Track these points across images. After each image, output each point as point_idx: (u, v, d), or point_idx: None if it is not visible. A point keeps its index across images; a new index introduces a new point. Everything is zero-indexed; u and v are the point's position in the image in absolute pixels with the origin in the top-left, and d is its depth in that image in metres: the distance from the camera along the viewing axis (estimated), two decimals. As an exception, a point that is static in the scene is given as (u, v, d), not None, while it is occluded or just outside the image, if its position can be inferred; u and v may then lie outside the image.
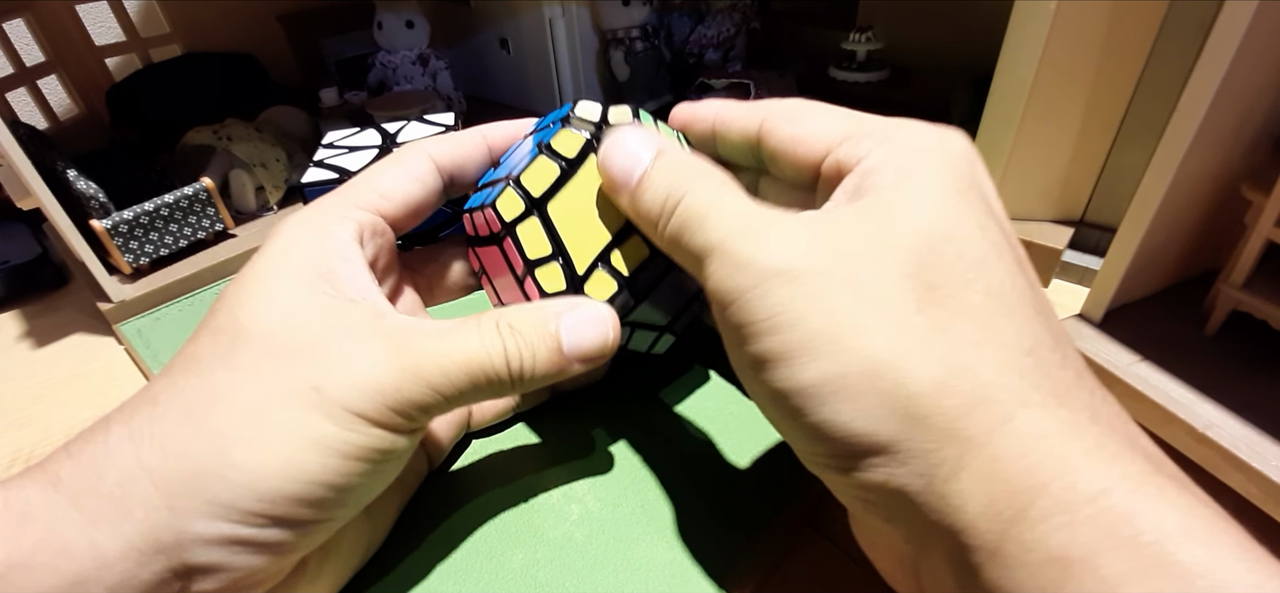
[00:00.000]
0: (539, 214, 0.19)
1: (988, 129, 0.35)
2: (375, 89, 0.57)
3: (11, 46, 0.46)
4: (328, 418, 0.15)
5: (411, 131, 0.37)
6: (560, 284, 0.19)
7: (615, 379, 0.26)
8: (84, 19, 0.49)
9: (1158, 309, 0.28)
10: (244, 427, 0.15)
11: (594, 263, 0.19)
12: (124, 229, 0.36)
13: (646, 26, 0.56)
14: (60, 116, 0.50)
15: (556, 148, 0.19)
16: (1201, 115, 0.22)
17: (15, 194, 0.31)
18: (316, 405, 0.15)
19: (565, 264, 0.19)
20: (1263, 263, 0.25)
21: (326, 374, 0.15)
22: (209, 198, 0.39)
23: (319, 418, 0.15)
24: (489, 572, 0.20)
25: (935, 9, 0.50)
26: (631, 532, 0.21)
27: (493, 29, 0.58)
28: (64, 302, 0.40)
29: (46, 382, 0.33)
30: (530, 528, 0.21)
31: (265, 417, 0.15)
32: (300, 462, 0.15)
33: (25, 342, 0.37)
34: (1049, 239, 0.35)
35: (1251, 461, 0.21)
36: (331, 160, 0.34)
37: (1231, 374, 0.24)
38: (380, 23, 0.55)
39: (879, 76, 0.49)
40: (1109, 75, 0.32)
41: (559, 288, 0.19)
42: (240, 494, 0.14)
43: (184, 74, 0.52)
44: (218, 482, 0.14)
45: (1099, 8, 0.30)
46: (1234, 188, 0.25)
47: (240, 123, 0.45)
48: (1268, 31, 0.21)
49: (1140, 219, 0.25)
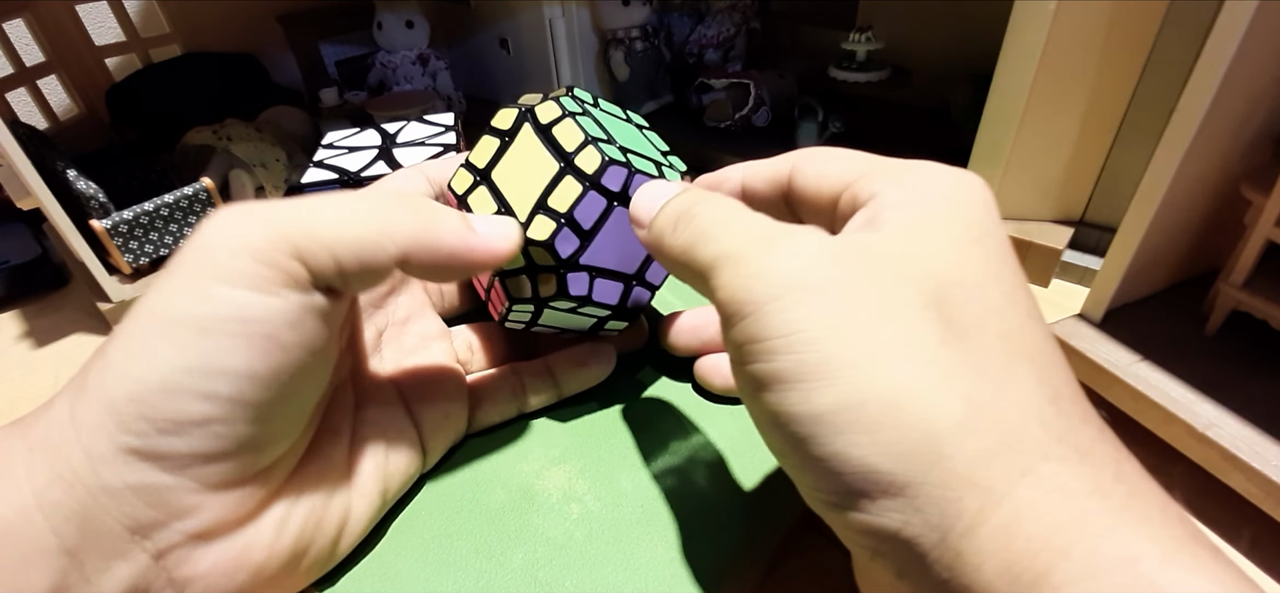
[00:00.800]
0: (485, 182, 0.21)
1: (988, 129, 0.35)
2: (375, 89, 0.57)
3: (11, 46, 0.46)
4: (194, 297, 0.15)
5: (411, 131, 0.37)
6: None
7: (617, 378, 0.26)
8: (84, 19, 0.49)
9: (1158, 309, 0.28)
10: (123, 334, 0.15)
11: (533, 210, 0.20)
12: (124, 229, 0.36)
13: (646, 26, 0.56)
14: (60, 116, 0.50)
15: (495, 125, 0.21)
16: (1201, 115, 0.22)
17: (15, 194, 0.31)
18: (188, 289, 0.15)
19: (508, 216, 0.20)
20: (1263, 263, 0.25)
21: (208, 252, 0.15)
22: (209, 198, 0.39)
23: (186, 300, 0.15)
24: (489, 571, 0.20)
25: (935, 9, 0.50)
26: (631, 532, 0.21)
27: (493, 29, 0.58)
28: (64, 302, 0.40)
29: (46, 382, 0.33)
30: (530, 528, 0.21)
31: (144, 318, 0.15)
32: (163, 350, 0.14)
33: (25, 342, 0.37)
34: (1049, 239, 0.35)
35: (1251, 460, 0.21)
36: (331, 160, 0.34)
37: (1231, 374, 0.24)
38: (380, 23, 0.55)
39: (879, 76, 0.49)
40: (1109, 75, 0.32)
41: None
42: (117, 397, 0.14)
43: (184, 74, 0.52)
44: (100, 394, 0.14)
45: (1099, 8, 0.30)
46: (1234, 188, 0.25)
47: (240, 123, 0.45)
48: (1268, 31, 0.21)
49: (1140, 219, 0.25)
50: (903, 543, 0.12)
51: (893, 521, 0.12)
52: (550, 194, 0.20)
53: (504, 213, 0.20)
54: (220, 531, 0.16)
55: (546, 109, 0.21)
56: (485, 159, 0.21)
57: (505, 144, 0.21)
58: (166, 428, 0.14)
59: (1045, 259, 0.35)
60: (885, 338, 0.13)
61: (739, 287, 0.14)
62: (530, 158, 0.21)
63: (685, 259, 0.16)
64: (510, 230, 0.19)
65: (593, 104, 0.23)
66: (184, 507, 0.15)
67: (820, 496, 0.14)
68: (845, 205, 0.16)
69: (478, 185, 0.21)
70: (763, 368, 0.13)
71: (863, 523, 0.13)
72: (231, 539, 0.16)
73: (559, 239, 0.19)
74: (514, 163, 0.21)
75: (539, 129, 0.21)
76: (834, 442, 0.12)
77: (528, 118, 0.21)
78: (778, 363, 0.13)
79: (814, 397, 0.13)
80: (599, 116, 0.22)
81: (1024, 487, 0.11)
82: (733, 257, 0.15)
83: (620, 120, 0.23)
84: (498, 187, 0.21)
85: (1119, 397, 0.24)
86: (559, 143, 0.20)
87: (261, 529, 0.16)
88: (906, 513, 0.12)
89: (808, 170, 0.18)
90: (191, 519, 0.15)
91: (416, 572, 0.20)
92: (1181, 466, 0.23)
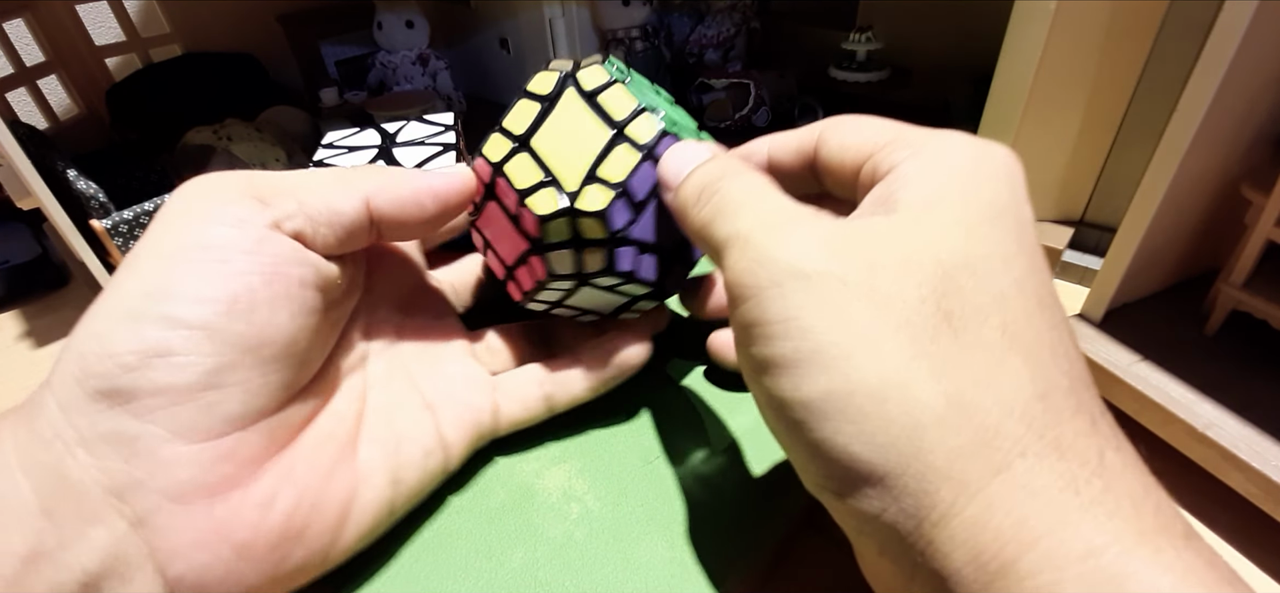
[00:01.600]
0: (526, 149, 0.20)
1: (988, 129, 0.35)
2: (375, 89, 0.57)
3: (11, 46, 0.46)
4: (160, 233, 0.16)
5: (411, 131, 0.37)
6: (553, 205, 0.19)
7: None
8: (84, 19, 0.49)
9: (1158, 309, 0.28)
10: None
11: (585, 180, 0.19)
12: (124, 229, 0.36)
13: (646, 26, 0.56)
14: (60, 116, 0.50)
15: (532, 90, 0.20)
16: (1201, 115, 0.22)
17: (15, 194, 0.31)
18: (155, 230, 0.16)
19: (556, 186, 0.19)
20: (1263, 263, 0.25)
21: (178, 199, 0.16)
22: (209, 198, 0.39)
23: (152, 238, 0.16)
24: (489, 572, 0.20)
25: (935, 9, 0.50)
26: (631, 532, 0.21)
27: (493, 29, 0.58)
28: (64, 302, 0.40)
29: (46, 382, 0.33)
30: (530, 528, 0.21)
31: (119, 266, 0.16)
32: (126, 283, 0.15)
33: (25, 342, 0.37)
34: (1049, 239, 0.35)
35: (1251, 460, 0.21)
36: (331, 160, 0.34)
37: (1231, 374, 0.24)
38: (380, 23, 0.55)
39: (879, 76, 0.49)
40: (1109, 75, 0.32)
41: (553, 209, 0.19)
42: (84, 341, 0.15)
43: (184, 74, 0.52)
44: (71, 345, 0.15)
45: (1099, 8, 0.30)
46: (1234, 188, 0.25)
47: (240, 123, 0.45)
48: (1268, 31, 0.21)
49: (1140, 219, 0.25)
50: (883, 526, 0.13)
51: (874, 506, 0.13)
52: (602, 163, 0.19)
53: (548, 182, 0.19)
54: (199, 493, 0.15)
55: (591, 74, 0.20)
56: (524, 125, 0.20)
57: (546, 110, 0.20)
58: (129, 363, 0.14)
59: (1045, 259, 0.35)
60: (879, 331, 0.13)
61: (744, 269, 0.14)
62: (577, 124, 0.19)
63: (704, 234, 0.16)
64: (464, 172, 0.20)
65: (627, 75, 0.21)
66: (158, 460, 0.14)
67: (812, 477, 0.14)
68: (866, 177, 0.16)
69: (517, 152, 0.20)
70: (761, 351, 0.14)
71: (848, 506, 0.13)
72: (212, 506, 0.15)
73: (613, 210, 0.18)
74: (557, 129, 0.20)
75: (584, 95, 0.20)
76: (822, 427, 0.13)
77: (571, 82, 0.20)
78: (775, 348, 0.14)
79: (805, 384, 0.13)
80: (635, 88, 0.21)
81: (998, 483, 0.12)
82: (742, 238, 0.15)
83: (654, 93, 0.22)
84: (539, 154, 0.19)
85: (1119, 397, 0.24)
86: (607, 110, 0.19)
87: (247, 500, 0.15)
88: (886, 501, 0.13)
89: (832, 141, 0.18)
90: (166, 476, 0.14)
91: (416, 572, 0.20)
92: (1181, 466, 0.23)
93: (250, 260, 0.16)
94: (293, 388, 0.17)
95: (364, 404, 0.20)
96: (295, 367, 0.17)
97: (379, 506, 0.18)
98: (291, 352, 0.17)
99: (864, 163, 0.16)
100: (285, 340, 0.16)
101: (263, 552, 0.15)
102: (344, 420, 0.19)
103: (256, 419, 0.16)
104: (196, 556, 0.15)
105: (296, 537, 0.16)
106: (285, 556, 0.16)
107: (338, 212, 0.18)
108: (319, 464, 0.17)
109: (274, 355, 0.16)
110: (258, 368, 0.16)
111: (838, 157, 0.17)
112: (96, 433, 0.14)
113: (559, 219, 0.19)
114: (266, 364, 0.16)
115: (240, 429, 0.15)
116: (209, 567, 0.15)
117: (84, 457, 0.14)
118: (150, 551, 0.14)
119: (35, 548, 0.13)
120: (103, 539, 0.14)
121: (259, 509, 0.15)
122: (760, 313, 0.14)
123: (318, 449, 0.17)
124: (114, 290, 0.15)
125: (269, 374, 0.16)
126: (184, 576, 0.15)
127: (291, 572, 0.16)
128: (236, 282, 0.15)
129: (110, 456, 0.14)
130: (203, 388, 0.15)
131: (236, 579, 0.15)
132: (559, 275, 0.20)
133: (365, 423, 0.19)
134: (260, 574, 0.16)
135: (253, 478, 0.16)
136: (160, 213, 0.16)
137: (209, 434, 0.15)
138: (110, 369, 0.14)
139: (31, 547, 0.13)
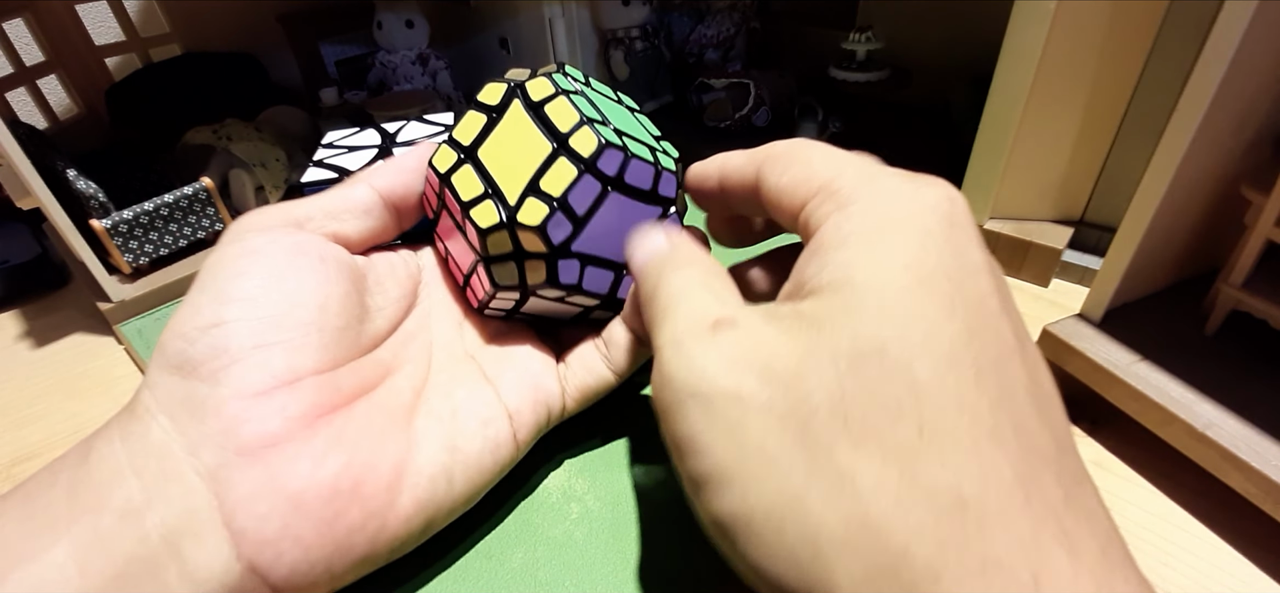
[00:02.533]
0: (470, 160, 0.20)
1: (988, 129, 0.35)
2: (375, 89, 0.57)
3: (11, 46, 0.46)
4: (215, 254, 0.19)
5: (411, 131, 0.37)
6: (494, 217, 0.19)
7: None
8: (84, 19, 0.49)
9: (1158, 309, 0.28)
10: None
11: (524, 192, 0.19)
12: (124, 229, 0.36)
13: (646, 26, 0.56)
14: (60, 116, 0.50)
15: (482, 100, 0.20)
16: (1201, 115, 0.22)
17: (15, 194, 0.31)
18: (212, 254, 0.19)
19: (497, 198, 0.19)
20: (1263, 263, 0.25)
21: (229, 232, 0.20)
22: (209, 198, 0.39)
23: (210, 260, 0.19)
24: (489, 571, 0.20)
25: (935, 9, 0.50)
26: (631, 532, 0.21)
27: (493, 29, 0.58)
28: (64, 302, 0.40)
29: (47, 382, 0.33)
30: (530, 528, 0.21)
31: None
32: (190, 294, 0.18)
33: (25, 342, 0.37)
34: (1049, 239, 0.35)
35: (1251, 460, 0.21)
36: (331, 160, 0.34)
37: (1231, 374, 0.24)
38: (380, 23, 0.55)
39: (879, 76, 0.49)
40: (1109, 75, 0.32)
41: (493, 221, 0.19)
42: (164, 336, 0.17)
43: (184, 74, 0.52)
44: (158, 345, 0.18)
45: (1099, 8, 0.30)
46: (1234, 188, 0.25)
47: (240, 123, 0.45)
48: (1268, 31, 0.21)
49: (1140, 219, 0.25)
50: None
51: None
52: (542, 176, 0.19)
53: (491, 194, 0.19)
54: (257, 443, 0.16)
55: (538, 86, 0.20)
56: (471, 136, 0.20)
57: (493, 120, 0.20)
58: (193, 336, 0.17)
59: (1045, 259, 0.35)
60: (775, 448, 0.12)
61: (658, 386, 0.15)
62: (520, 136, 0.19)
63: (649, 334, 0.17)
64: (415, 176, 0.22)
65: (584, 84, 0.21)
66: (222, 416, 0.16)
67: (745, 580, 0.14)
68: (802, 228, 0.16)
69: (462, 164, 0.20)
70: (678, 465, 0.14)
71: None
72: (268, 458, 0.16)
73: (551, 224, 0.18)
74: (502, 141, 0.20)
75: (530, 106, 0.20)
76: (737, 544, 0.13)
77: (517, 94, 0.20)
78: (687, 464, 0.14)
79: (714, 502, 0.13)
80: (592, 97, 0.21)
81: None
82: (661, 352, 0.15)
83: (613, 102, 0.22)
84: (485, 165, 0.20)
85: (1119, 397, 0.25)
86: (552, 122, 0.19)
87: (300, 453, 0.16)
88: None
89: (769, 182, 0.17)
90: (229, 429, 0.16)
91: (416, 572, 0.20)
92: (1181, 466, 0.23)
93: (278, 247, 0.19)
94: (338, 351, 0.19)
95: (425, 383, 0.21)
96: (336, 329, 0.19)
97: (435, 470, 0.19)
98: (325, 313, 0.19)
99: (800, 209, 0.16)
100: (316, 303, 0.18)
101: (317, 506, 0.16)
102: (402, 393, 0.20)
103: (304, 376, 0.17)
104: (255, 505, 0.16)
105: (349, 493, 0.17)
106: (339, 512, 0.17)
107: (350, 199, 0.21)
108: (370, 427, 0.18)
109: (308, 318, 0.18)
110: (296, 328, 0.18)
111: (775, 199, 0.17)
112: (173, 400, 0.17)
113: (500, 232, 0.19)
114: (303, 325, 0.18)
115: (288, 384, 0.17)
116: (266, 518, 0.16)
117: (165, 421, 0.16)
118: (218, 504, 0.16)
119: (126, 504, 0.15)
120: (178, 495, 0.16)
121: (311, 461, 0.17)
122: (672, 430, 0.14)
123: (370, 415, 0.18)
124: (184, 300, 0.18)
125: (309, 332, 0.18)
126: (246, 530, 0.16)
127: (350, 531, 0.17)
128: (268, 262, 0.18)
129: (185, 417, 0.16)
130: (253, 347, 0.17)
131: (294, 536, 0.16)
132: (503, 287, 0.20)
133: (423, 398, 0.20)
134: (318, 532, 0.16)
135: (305, 434, 0.17)
136: (217, 244, 0.19)
137: (261, 389, 0.17)
138: (180, 346, 0.17)
139: (123, 502, 0.15)
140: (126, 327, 0.35)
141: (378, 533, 0.17)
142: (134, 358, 0.34)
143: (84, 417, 0.31)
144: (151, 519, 0.15)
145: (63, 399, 0.32)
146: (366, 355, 0.20)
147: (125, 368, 0.34)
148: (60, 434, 0.30)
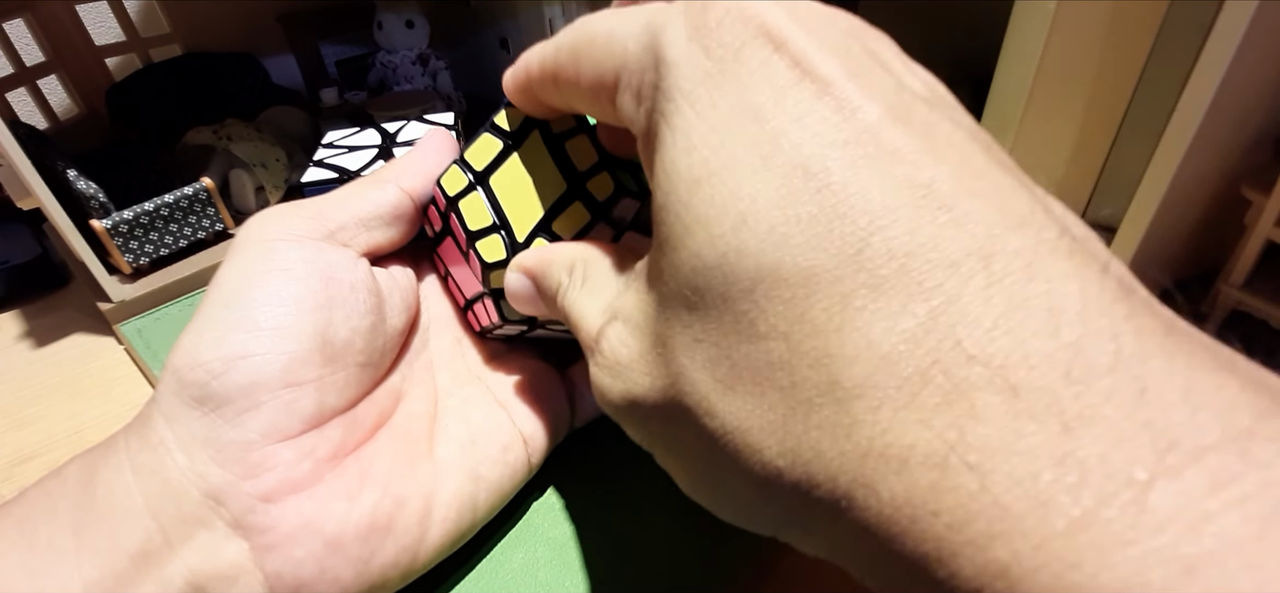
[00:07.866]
0: (482, 187, 0.19)
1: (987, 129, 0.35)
2: (375, 89, 0.57)
3: (11, 46, 0.46)
4: (233, 261, 0.18)
5: (411, 131, 0.37)
6: (500, 253, 0.19)
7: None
8: (84, 19, 0.49)
9: (1158, 309, 0.28)
10: None
11: (533, 231, 0.18)
12: (124, 229, 0.36)
13: (646, 26, 0.56)
14: (60, 116, 0.50)
15: (499, 124, 0.20)
16: (1201, 115, 0.22)
17: (15, 194, 0.31)
18: (229, 262, 0.18)
19: (506, 233, 0.19)
20: (1263, 263, 0.25)
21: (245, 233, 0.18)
22: (209, 198, 0.39)
23: (227, 268, 0.18)
24: (489, 572, 0.20)
25: (935, 9, 0.50)
26: (631, 532, 0.21)
27: (493, 29, 0.58)
28: (64, 302, 0.40)
29: (46, 382, 0.33)
30: (530, 528, 0.21)
31: None
32: (210, 307, 0.17)
33: (25, 342, 0.37)
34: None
35: (1251, 460, 0.21)
36: (331, 160, 0.34)
37: (1231, 374, 0.24)
38: (380, 23, 0.55)
39: (879, 76, 0.49)
40: (1109, 75, 0.32)
41: (499, 257, 0.19)
42: (179, 358, 0.16)
43: (184, 74, 0.52)
44: (169, 363, 0.16)
45: (1099, 8, 0.30)
46: (1234, 188, 0.25)
47: (240, 123, 0.45)
48: (1268, 31, 0.21)
49: (1140, 219, 0.25)
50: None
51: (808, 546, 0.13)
52: (554, 217, 0.18)
53: (499, 226, 0.19)
54: (286, 490, 0.16)
55: (561, 117, 0.19)
56: (484, 161, 0.19)
57: (508, 148, 0.19)
58: (217, 370, 0.15)
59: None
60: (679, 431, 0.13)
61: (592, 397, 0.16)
62: (536, 169, 0.19)
63: None
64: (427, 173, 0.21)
65: None
66: (248, 463, 0.15)
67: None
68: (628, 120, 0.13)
69: (473, 188, 0.19)
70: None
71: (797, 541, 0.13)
72: (301, 503, 0.16)
73: None
74: (516, 171, 0.19)
75: (549, 138, 0.19)
76: (713, 509, 0.14)
77: (537, 124, 0.19)
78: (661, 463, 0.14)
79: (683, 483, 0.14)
80: None
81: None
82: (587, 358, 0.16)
83: None
84: (496, 195, 0.19)
85: (1119, 397, 0.25)
86: (571, 160, 0.18)
87: (333, 494, 0.16)
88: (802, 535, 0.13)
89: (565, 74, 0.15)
90: (256, 477, 0.15)
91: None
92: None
93: (309, 267, 0.18)
94: (361, 387, 0.18)
95: (435, 406, 0.20)
96: (359, 365, 0.18)
97: (462, 501, 0.19)
98: (351, 349, 0.18)
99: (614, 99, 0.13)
100: (345, 337, 0.18)
101: (353, 546, 0.16)
102: (417, 419, 0.19)
103: (331, 416, 0.17)
104: (290, 551, 0.15)
105: (384, 530, 0.17)
106: (375, 550, 0.16)
107: (378, 203, 0.20)
108: (398, 460, 0.18)
109: (338, 353, 0.17)
110: (327, 365, 0.17)
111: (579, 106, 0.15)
112: (192, 439, 0.15)
113: (505, 269, 0.18)
114: (334, 361, 0.17)
115: (317, 427, 0.17)
116: (303, 563, 0.15)
117: (182, 460, 0.15)
118: (249, 548, 0.15)
119: (143, 547, 0.15)
120: (208, 542, 0.15)
121: (345, 502, 0.16)
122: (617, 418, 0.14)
123: (395, 446, 0.18)
124: (200, 311, 0.17)
125: (337, 370, 0.17)
126: (281, 573, 0.15)
127: (384, 569, 0.17)
128: (299, 285, 0.17)
129: (205, 460, 0.15)
130: (282, 385, 0.16)
131: (331, 578, 0.16)
132: (510, 320, 0.20)
133: (439, 423, 0.20)
134: (354, 571, 0.16)
135: (335, 474, 0.16)
136: (234, 243, 0.18)
137: (289, 433, 0.16)
138: (201, 377, 0.15)
139: (139, 545, 0.15)
140: (127, 327, 0.35)
141: (410, 566, 0.17)
142: (134, 358, 0.34)
143: (84, 417, 0.31)
144: (175, 566, 0.15)
145: (63, 400, 0.32)
146: (381, 386, 0.19)
147: (125, 369, 0.34)
148: (60, 435, 0.30)
